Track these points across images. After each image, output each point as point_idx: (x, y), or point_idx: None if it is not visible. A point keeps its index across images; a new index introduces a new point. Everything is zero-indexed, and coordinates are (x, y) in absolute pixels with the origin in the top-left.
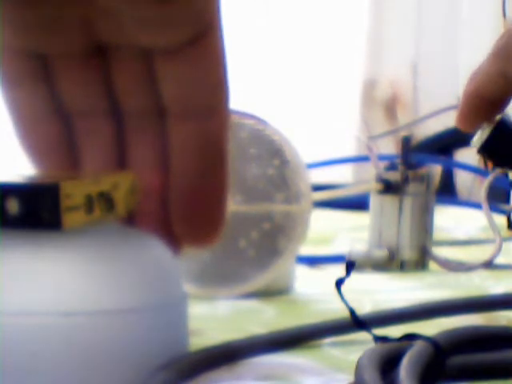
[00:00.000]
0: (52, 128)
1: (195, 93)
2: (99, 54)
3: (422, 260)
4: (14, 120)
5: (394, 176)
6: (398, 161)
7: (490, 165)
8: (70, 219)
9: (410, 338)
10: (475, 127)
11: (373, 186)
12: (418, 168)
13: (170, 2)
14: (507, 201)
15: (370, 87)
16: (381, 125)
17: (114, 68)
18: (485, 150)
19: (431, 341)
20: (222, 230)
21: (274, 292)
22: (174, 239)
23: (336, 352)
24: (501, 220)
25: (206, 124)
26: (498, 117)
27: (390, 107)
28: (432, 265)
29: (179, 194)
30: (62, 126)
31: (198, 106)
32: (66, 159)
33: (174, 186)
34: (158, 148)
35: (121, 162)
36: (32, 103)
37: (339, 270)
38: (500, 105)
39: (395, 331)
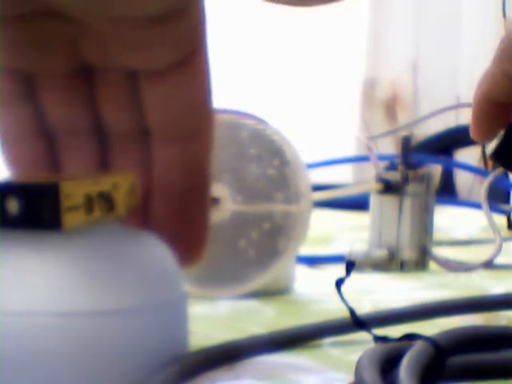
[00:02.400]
0: (36, 147)
1: (179, 116)
2: (85, 75)
3: (422, 260)
4: (0, 137)
5: (394, 176)
6: (398, 161)
7: (490, 164)
8: (70, 219)
9: (410, 337)
10: (490, 135)
11: (373, 186)
12: (417, 168)
13: (158, 24)
14: (507, 201)
15: (370, 87)
16: (381, 125)
17: (99, 89)
18: (497, 156)
19: (431, 341)
20: (203, 252)
21: (274, 292)
22: None
23: (336, 352)
24: (501, 220)
25: (190, 147)
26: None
27: (390, 107)
28: (432, 265)
29: (161, 215)
30: (47, 145)
31: (182, 129)
32: None
33: (156, 208)
34: (141, 169)
35: None
36: (16, 121)
37: (339, 270)
38: (510, 108)
39: (395, 331)
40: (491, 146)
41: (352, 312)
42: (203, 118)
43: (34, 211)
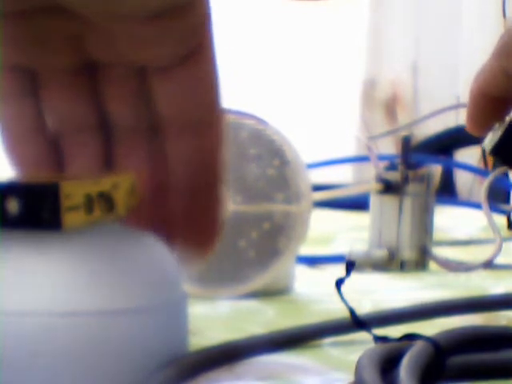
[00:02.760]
0: (40, 144)
1: (188, 110)
2: (89, 71)
3: (422, 260)
4: (2, 134)
5: (394, 176)
6: (398, 161)
7: (490, 164)
8: (70, 219)
9: (410, 337)
10: (485, 128)
11: (373, 186)
12: (417, 168)
13: (164, 18)
14: (507, 201)
15: (370, 87)
16: (381, 125)
17: (105, 85)
18: (497, 152)
19: (431, 341)
20: (214, 246)
21: (274, 292)
22: None
23: (336, 352)
24: (501, 220)
25: (200, 141)
26: (509, 117)
27: (390, 107)
28: (432, 265)
29: (171, 210)
30: (50, 143)
31: (191, 123)
32: None
33: (168, 202)
34: (148, 164)
35: None
36: (20, 118)
37: (339, 270)
38: (506, 103)
39: (395, 331)
40: (487, 141)
41: (352, 312)
42: (212, 112)
43: (34, 211)
